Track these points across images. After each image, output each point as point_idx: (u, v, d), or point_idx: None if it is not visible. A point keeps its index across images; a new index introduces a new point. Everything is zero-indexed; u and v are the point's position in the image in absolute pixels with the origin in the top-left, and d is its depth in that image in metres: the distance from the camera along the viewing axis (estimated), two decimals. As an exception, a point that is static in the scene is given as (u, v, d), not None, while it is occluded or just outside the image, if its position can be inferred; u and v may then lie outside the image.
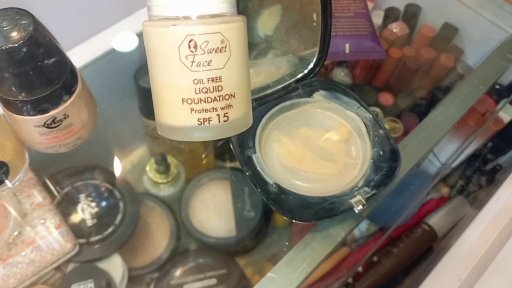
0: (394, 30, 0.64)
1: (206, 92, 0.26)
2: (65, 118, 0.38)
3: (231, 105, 0.27)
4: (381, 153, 0.41)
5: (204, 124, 0.27)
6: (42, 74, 0.34)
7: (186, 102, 0.27)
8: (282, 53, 0.44)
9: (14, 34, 0.33)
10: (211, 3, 0.26)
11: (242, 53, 0.27)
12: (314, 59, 0.44)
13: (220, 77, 0.26)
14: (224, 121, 0.27)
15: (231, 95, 0.27)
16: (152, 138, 0.62)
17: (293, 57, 0.44)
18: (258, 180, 0.39)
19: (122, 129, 0.63)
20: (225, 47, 0.26)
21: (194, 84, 0.26)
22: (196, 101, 0.26)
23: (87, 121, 0.41)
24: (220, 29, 0.26)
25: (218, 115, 0.27)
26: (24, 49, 0.33)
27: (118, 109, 0.61)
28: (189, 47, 0.26)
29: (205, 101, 0.27)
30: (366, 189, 0.39)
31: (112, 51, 0.58)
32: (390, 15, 0.67)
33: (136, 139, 0.64)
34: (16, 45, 0.32)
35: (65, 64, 0.36)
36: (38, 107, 0.36)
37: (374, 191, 0.39)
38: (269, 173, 0.39)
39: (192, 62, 0.26)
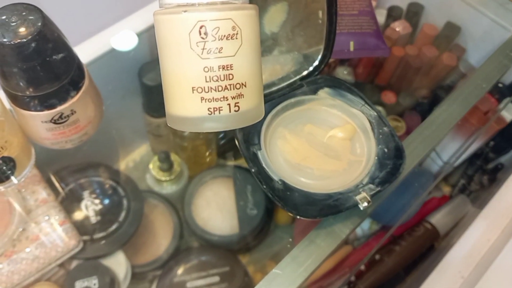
0: (397, 29, 0.64)
1: (217, 80, 0.25)
2: (72, 114, 0.38)
3: (242, 95, 0.27)
4: (386, 150, 0.41)
5: (214, 113, 0.26)
6: (50, 69, 0.34)
7: (196, 91, 0.26)
8: (287, 50, 0.44)
9: (23, 29, 0.33)
10: None
11: (254, 41, 0.27)
12: (319, 57, 0.44)
13: (231, 65, 0.26)
14: (235, 111, 0.26)
15: (242, 84, 0.26)
16: (155, 136, 0.62)
17: (298, 54, 0.45)
18: (263, 177, 0.39)
19: (125, 127, 0.63)
20: (237, 34, 0.26)
21: (205, 72, 0.25)
22: (206, 90, 0.26)
23: (93, 117, 0.41)
24: (231, 16, 0.25)
25: (229, 104, 0.26)
26: (32, 44, 0.33)
27: (122, 107, 0.61)
28: (200, 34, 0.25)
29: (215, 90, 0.26)
30: (371, 186, 0.39)
31: (115, 49, 0.58)
32: (393, 14, 0.67)
33: (139, 137, 0.64)
34: (25, 40, 0.32)
35: (72, 60, 0.36)
36: (46, 103, 0.36)
37: (379, 188, 0.39)
38: (274, 169, 0.39)
39: (203, 49, 0.25)
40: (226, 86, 0.26)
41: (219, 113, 0.26)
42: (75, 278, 0.48)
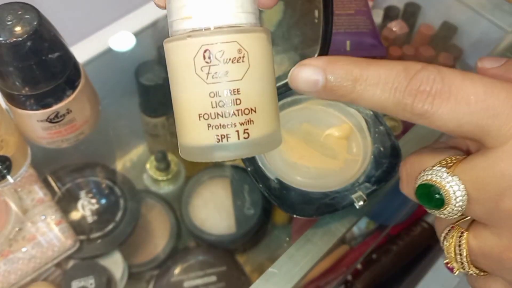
0: (394, 29, 0.64)
1: (223, 106, 0.24)
2: (68, 113, 0.38)
3: (252, 121, 0.25)
4: (382, 149, 0.41)
5: (222, 141, 0.25)
6: (46, 68, 0.34)
7: (203, 118, 0.25)
8: (283, 50, 0.44)
9: (19, 28, 0.33)
10: (229, 14, 0.25)
11: (264, 64, 0.26)
12: (316, 56, 0.44)
13: (238, 89, 0.24)
14: (244, 138, 0.25)
15: (251, 109, 0.25)
16: (152, 135, 0.62)
17: (294, 54, 0.45)
18: (259, 176, 0.39)
19: (122, 127, 0.63)
20: (243, 57, 0.25)
21: (211, 97, 0.24)
22: (213, 116, 0.24)
23: (89, 117, 0.41)
24: (236, 38, 0.25)
25: (237, 131, 0.25)
26: (28, 43, 0.33)
27: (119, 106, 0.61)
28: (204, 58, 0.24)
29: (222, 116, 0.24)
30: (367, 184, 0.39)
31: (112, 49, 0.58)
32: (390, 14, 0.67)
33: (136, 137, 0.64)
34: (21, 39, 0.32)
35: (68, 59, 0.36)
36: (42, 102, 0.36)
37: (375, 187, 0.39)
38: (270, 168, 0.39)
39: (208, 73, 0.24)
40: (233, 111, 0.24)
41: (227, 140, 0.25)
42: (72, 278, 0.48)
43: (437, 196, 0.23)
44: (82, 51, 0.55)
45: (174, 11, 0.25)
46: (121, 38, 0.58)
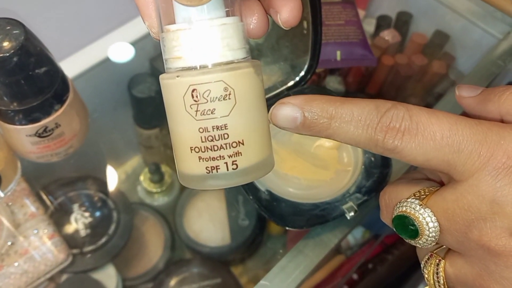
0: (386, 38, 0.64)
1: (212, 140, 0.26)
2: (57, 127, 0.38)
3: (240, 153, 0.27)
4: (373, 159, 0.41)
5: (212, 172, 0.26)
6: (33, 83, 0.34)
7: (194, 151, 0.26)
8: (273, 61, 0.44)
9: (5, 43, 0.33)
10: (216, 53, 0.26)
11: (250, 98, 0.27)
12: (305, 67, 0.44)
13: (225, 124, 0.26)
14: (233, 169, 0.26)
15: (239, 142, 0.26)
16: (146, 147, 0.62)
17: (284, 64, 0.45)
18: (250, 188, 0.39)
19: (116, 139, 0.63)
20: (229, 94, 0.26)
21: (200, 132, 0.26)
22: (203, 150, 0.26)
23: (78, 130, 0.41)
24: (222, 77, 0.26)
25: (226, 163, 0.26)
26: (15, 59, 0.33)
27: (112, 118, 0.61)
28: (193, 97, 0.26)
29: (211, 149, 0.26)
30: (358, 195, 0.39)
31: (106, 60, 0.58)
32: (382, 23, 0.67)
33: (130, 149, 0.64)
34: (7, 54, 0.32)
35: (56, 73, 0.36)
36: (30, 116, 0.36)
37: (365, 197, 0.39)
38: (261, 180, 0.39)
39: (197, 111, 0.26)
40: (221, 145, 0.27)
41: (217, 171, 0.26)
42: (65, 292, 0.48)
43: (411, 227, 0.24)
44: (75, 64, 0.55)
45: (167, 50, 0.26)
46: (116, 50, 0.58)
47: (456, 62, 0.65)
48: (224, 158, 0.26)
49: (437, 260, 0.24)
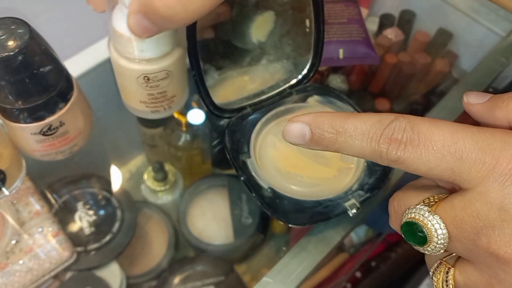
0: (389, 36, 0.64)
1: (156, 98, 0.39)
2: (61, 125, 0.38)
3: (173, 101, 0.40)
4: (375, 156, 0.41)
5: (154, 112, 0.40)
6: (38, 82, 0.35)
7: (143, 103, 0.39)
8: (276, 59, 0.44)
9: (10, 43, 0.33)
10: (159, 48, 0.36)
11: (182, 71, 0.38)
12: (308, 65, 0.44)
13: (165, 91, 0.38)
14: (167, 109, 0.41)
15: (172, 96, 0.40)
16: (150, 146, 0.63)
17: (287, 63, 0.45)
18: (252, 185, 0.39)
19: (119, 138, 0.63)
20: (169, 75, 0.37)
21: (148, 95, 0.38)
22: (149, 103, 0.39)
23: (83, 129, 0.41)
24: (166, 67, 0.37)
25: (164, 107, 0.40)
26: (19, 58, 0.33)
27: (116, 117, 0.62)
28: (144, 79, 0.37)
29: (155, 102, 0.40)
30: (360, 192, 0.39)
31: (111, 59, 0.58)
32: (385, 21, 0.67)
33: (134, 147, 0.65)
34: (12, 53, 0.33)
35: (60, 72, 0.37)
36: (34, 115, 0.36)
37: (368, 194, 0.39)
38: (263, 177, 0.39)
39: (146, 85, 0.37)
40: (162, 99, 0.39)
41: (158, 111, 0.41)
42: (69, 290, 0.48)
43: (420, 234, 0.24)
44: (79, 63, 0.55)
45: (121, 44, 0.36)
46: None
47: (459, 60, 0.65)
48: (163, 105, 0.40)
49: (447, 268, 0.25)
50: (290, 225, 0.39)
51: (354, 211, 0.38)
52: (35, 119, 0.37)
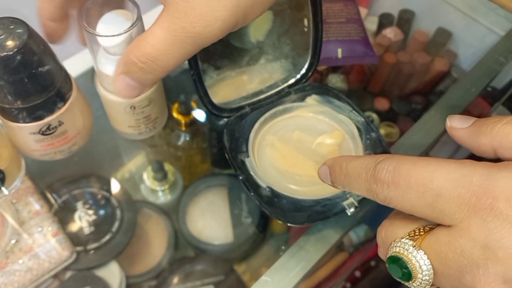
0: (389, 36, 0.64)
1: (142, 122, 0.43)
2: (60, 125, 0.38)
3: (156, 122, 0.44)
4: (374, 155, 0.41)
5: (141, 134, 0.45)
6: (36, 81, 0.35)
7: (130, 127, 0.43)
8: (274, 58, 0.45)
9: (9, 42, 0.33)
10: None
11: (161, 95, 0.43)
12: (306, 64, 0.44)
13: (149, 114, 0.42)
14: (152, 129, 0.45)
15: (155, 118, 0.44)
16: (150, 146, 0.63)
17: (285, 62, 0.45)
18: (251, 184, 0.39)
19: (119, 137, 0.63)
20: (151, 101, 0.41)
21: (135, 121, 0.42)
22: (136, 126, 0.43)
23: (82, 128, 0.41)
24: (148, 95, 0.40)
25: (149, 128, 0.45)
26: (18, 57, 0.33)
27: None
28: (130, 109, 0.40)
29: (141, 125, 0.43)
30: (359, 191, 0.39)
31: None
32: (384, 21, 0.67)
33: (133, 147, 0.65)
34: (11, 53, 0.33)
35: (59, 71, 0.37)
36: (33, 114, 0.36)
37: (366, 193, 0.39)
38: (262, 177, 0.39)
39: (133, 113, 0.41)
40: (147, 121, 0.43)
41: (144, 133, 0.45)
42: (69, 289, 0.48)
43: (404, 270, 0.24)
44: (78, 62, 0.55)
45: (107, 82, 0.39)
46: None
47: (458, 59, 0.65)
48: (148, 126, 0.44)
49: None
50: (288, 224, 0.39)
51: (352, 210, 0.38)
52: (34, 118, 0.37)
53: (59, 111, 0.37)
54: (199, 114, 0.57)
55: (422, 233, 0.24)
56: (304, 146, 0.43)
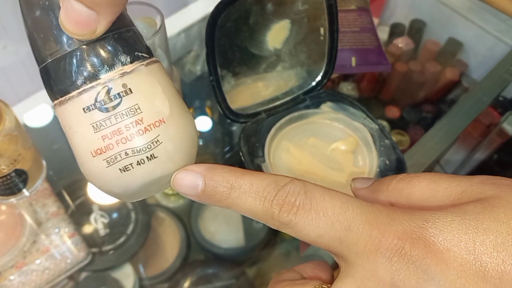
0: (400, 45, 0.65)
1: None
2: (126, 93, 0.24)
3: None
4: (387, 162, 0.42)
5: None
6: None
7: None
8: (290, 66, 0.45)
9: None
10: None
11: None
12: (322, 72, 0.45)
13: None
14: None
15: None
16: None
17: (301, 70, 0.46)
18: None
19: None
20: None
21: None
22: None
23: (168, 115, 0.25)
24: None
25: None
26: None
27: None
28: None
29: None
30: (373, 197, 0.40)
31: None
32: (396, 30, 0.68)
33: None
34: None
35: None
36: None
37: (380, 199, 0.40)
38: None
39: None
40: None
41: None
42: (84, 290, 0.49)
43: None
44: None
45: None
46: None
47: (469, 69, 0.66)
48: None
49: None
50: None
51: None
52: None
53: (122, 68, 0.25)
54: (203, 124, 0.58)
55: None
56: (319, 152, 0.44)
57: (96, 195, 0.55)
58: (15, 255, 0.46)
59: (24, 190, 0.42)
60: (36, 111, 0.57)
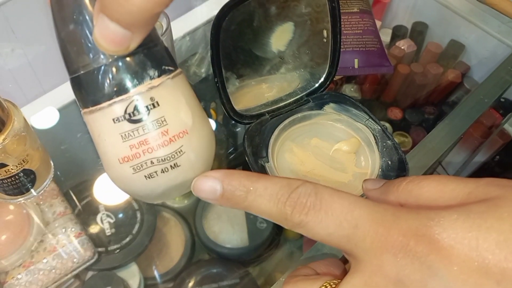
0: (402, 47, 0.66)
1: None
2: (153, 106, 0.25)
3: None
4: (390, 162, 0.42)
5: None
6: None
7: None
8: (294, 67, 0.46)
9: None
10: None
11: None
12: (325, 74, 0.46)
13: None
14: None
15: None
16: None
17: (304, 71, 0.47)
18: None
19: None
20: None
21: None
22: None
23: (191, 126, 0.26)
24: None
25: None
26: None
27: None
28: None
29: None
30: (375, 197, 0.41)
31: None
32: (398, 33, 0.69)
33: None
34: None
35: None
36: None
37: (383, 199, 0.40)
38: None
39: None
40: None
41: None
42: (90, 289, 0.50)
43: None
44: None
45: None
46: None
47: (471, 71, 0.66)
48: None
49: None
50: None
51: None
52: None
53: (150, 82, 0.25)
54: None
55: (333, 285, 0.25)
56: (322, 152, 0.44)
57: (102, 195, 0.56)
58: (22, 254, 0.47)
59: (32, 190, 0.43)
60: (44, 113, 0.58)
